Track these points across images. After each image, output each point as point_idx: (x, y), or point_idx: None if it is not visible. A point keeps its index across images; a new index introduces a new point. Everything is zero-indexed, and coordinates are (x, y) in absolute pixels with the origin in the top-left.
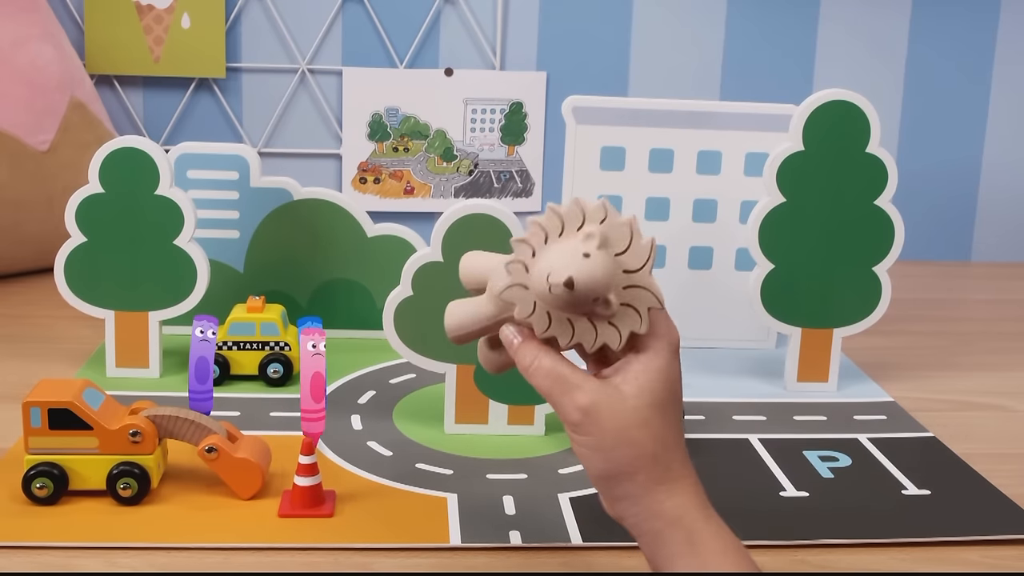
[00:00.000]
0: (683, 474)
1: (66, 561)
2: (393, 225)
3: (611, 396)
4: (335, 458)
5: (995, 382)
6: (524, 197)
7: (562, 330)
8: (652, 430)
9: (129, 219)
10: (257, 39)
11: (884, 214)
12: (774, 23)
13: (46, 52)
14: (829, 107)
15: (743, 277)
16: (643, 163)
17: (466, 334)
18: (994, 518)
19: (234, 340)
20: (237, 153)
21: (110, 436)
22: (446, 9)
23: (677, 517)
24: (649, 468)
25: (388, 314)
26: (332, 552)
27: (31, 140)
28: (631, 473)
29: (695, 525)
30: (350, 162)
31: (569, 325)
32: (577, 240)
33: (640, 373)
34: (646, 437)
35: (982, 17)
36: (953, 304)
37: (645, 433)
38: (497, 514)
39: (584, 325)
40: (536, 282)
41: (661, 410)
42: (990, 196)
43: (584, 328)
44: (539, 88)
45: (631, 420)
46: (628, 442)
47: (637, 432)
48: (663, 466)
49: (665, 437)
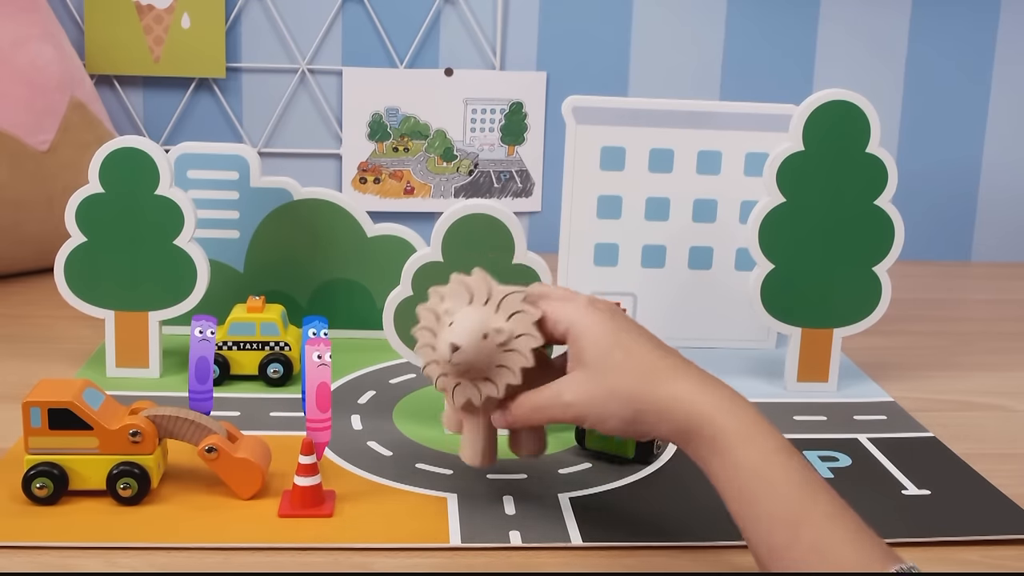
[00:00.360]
0: (677, 375)
1: (66, 561)
2: (393, 225)
3: (573, 379)
4: (335, 458)
5: (995, 382)
6: (524, 197)
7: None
8: (619, 372)
9: (129, 219)
10: (257, 39)
11: (884, 214)
12: (774, 23)
13: (46, 52)
14: (829, 107)
15: (743, 277)
16: (643, 163)
17: (484, 449)
18: (994, 518)
19: (234, 340)
20: (237, 153)
21: (110, 436)
22: (446, 9)
23: (690, 415)
24: (643, 392)
25: (388, 314)
26: (332, 552)
27: (31, 140)
28: (633, 402)
29: (712, 420)
30: (350, 162)
31: (471, 386)
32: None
33: (573, 346)
34: (618, 380)
35: (982, 17)
36: (953, 304)
37: (615, 378)
38: (497, 514)
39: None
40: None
41: (612, 353)
42: (990, 196)
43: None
44: (539, 88)
45: (599, 384)
46: (610, 392)
47: (609, 381)
48: (659, 376)
49: (639, 363)
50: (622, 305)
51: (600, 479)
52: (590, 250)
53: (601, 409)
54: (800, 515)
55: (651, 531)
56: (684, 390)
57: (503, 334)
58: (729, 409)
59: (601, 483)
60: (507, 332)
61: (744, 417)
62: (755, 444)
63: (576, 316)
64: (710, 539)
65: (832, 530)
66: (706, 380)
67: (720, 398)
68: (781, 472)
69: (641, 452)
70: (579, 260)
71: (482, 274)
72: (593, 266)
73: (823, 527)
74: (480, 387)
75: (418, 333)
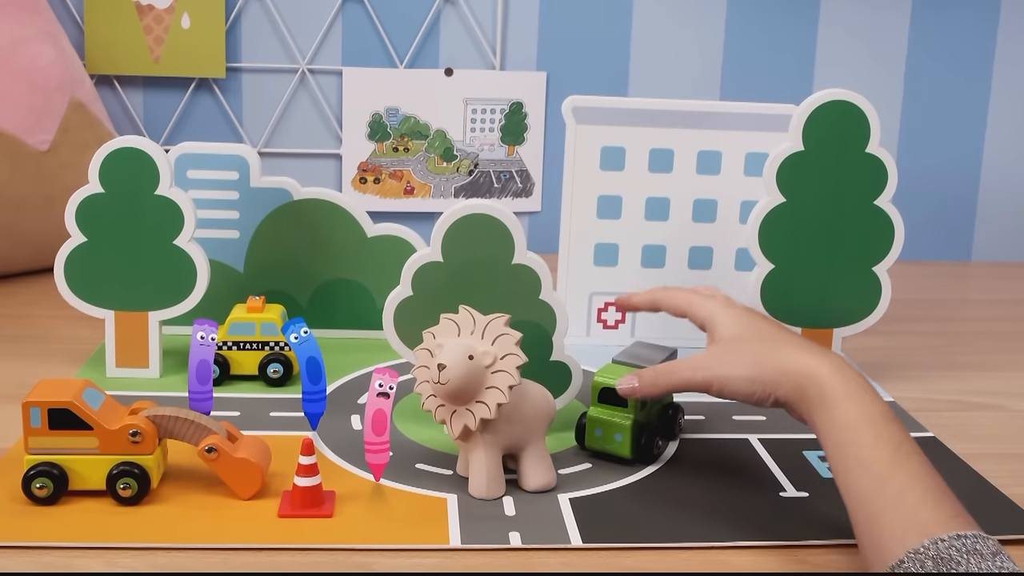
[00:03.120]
0: (795, 344)
1: (66, 561)
2: (393, 225)
3: (704, 351)
4: (335, 458)
5: (995, 382)
6: (524, 197)
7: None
8: (745, 342)
9: (129, 219)
10: (257, 39)
11: (884, 214)
12: (774, 23)
13: (46, 52)
14: (829, 107)
15: (743, 277)
16: (643, 163)
17: (489, 480)
18: (994, 518)
19: (234, 340)
20: (237, 153)
21: (110, 436)
22: (446, 9)
23: (803, 374)
24: (765, 356)
25: (388, 314)
26: (332, 552)
27: (31, 140)
28: (756, 365)
29: (822, 380)
30: (350, 162)
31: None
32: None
33: (710, 332)
34: (744, 347)
35: (982, 17)
36: (953, 304)
37: (741, 346)
38: (497, 514)
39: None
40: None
41: (741, 332)
42: (990, 196)
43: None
44: (539, 88)
45: (727, 351)
46: (735, 357)
47: (736, 348)
48: (779, 344)
49: (764, 335)
50: None
51: (600, 479)
52: (590, 250)
53: (727, 371)
54: (887, 470)
55: (651, 531)
56: (800, 355)
57: (488, 355)
58: (837, 373)
59: (601, 483)
60: (492, 354)
61: (850, 382)
62: (854, 403)
63: (715, 307)
64: (709, 539)
65: (914, 487)
66: (820, 350)
67: (831, 364)
68: (874, 430)
69: (641, 452)
70: (579, 260)
71: (467, 310)
72: (593, 266)
73: (907, 483)
74: (474, 411)
75: (416, 372)
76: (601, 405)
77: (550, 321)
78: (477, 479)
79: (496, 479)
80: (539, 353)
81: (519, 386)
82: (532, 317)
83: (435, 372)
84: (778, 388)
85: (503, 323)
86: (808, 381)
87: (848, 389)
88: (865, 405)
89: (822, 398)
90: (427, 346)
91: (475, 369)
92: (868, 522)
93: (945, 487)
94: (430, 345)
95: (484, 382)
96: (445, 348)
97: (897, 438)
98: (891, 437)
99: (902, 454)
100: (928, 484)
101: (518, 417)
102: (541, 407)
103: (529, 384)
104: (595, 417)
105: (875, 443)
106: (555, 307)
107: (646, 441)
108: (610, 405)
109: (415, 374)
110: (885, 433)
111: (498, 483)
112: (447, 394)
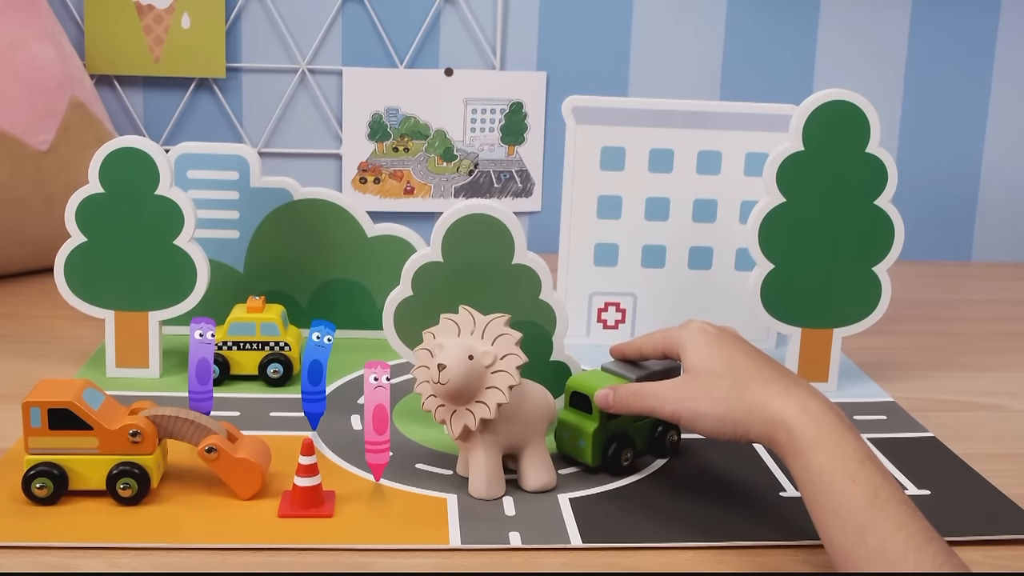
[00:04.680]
0: (767, 382)
1: (67, 561)
2: (393, 225)
3: (675, 381)
4: (335, 458)
5: (995, 382)
6: (524, 197)
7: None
8: (716, 377)
9: (129, 219)
10: (257, 39)
11: (884, 214)
12: (774, 23)
13: (46, 52)
14: (829, 107)
15: (743, 277)
16: (643, 163)
17: (489, 480)
18: (994, 518)
19: (234, 340)
20: (237, 153)
21: (110, 436)
22: (446, 9)
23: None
24: (734, 395)
25: (388, 314)
26: (332, 552)
27: (31, 140)
28: (724, 402)
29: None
30: (350, 162)
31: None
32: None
33: (683, 360)
34: (714, 383)
35: (982, 17)
36: (953, 304)
37: (711, 382)
38: (497, 515)
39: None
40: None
41: (712, 363)
42: (990, 196)
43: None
44: (539, 88)
45: (697, 385)
46: (705, 393)
47: (706, 384)
48: (750, 382)
49: (736, 371)
50: (621, 305)
51: (600, 479)
52: (590, 250)
53: (696, 406)
54: (866, 519)
55: (651, 531)
56: (769, 394)
57: (488, 356)
58: (804, 415)
59: (601, 483)
60: (492, 354)
61: (822, 423)
62: (825, 449)
63: (688, 336)
64: (710, 539)
65: (896, 536)
66: (793, 388)
67: (797, 405)
68: (848, 476)
69: (607, 463)
70: (579, 260)
71: (467, 310)
72: (593, 266)
73: (887, 532)
74: (474, 411)
75: (416, 372)
76: (571, 409)
77: (550, 321)
78: (477, 479)
79: (496, 479)
80: (539, 353)
81: (519, 386)
82: (532, 317)
83: (435, 372)
84: (749, 432)
85: (503, 323)
86: (777, 427)
87: (818, 433)
88: (841, 450)
89: (792, 444)
90: (427, 346)
91: (475, 369)
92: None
93: (929, 529)
94: (430, 345)
95: (484, 382)
96: (445, 348)
97: (874, 482)
98: (867, 481)
99: (881, 499)
100: (911, 530)
101: (518, 417)
102: (541, 407)
103: (529, 384)
104: (564, 420)
105: (850, 490)
106: (555, 307)
107: (614, 452)
108: (579, 410)
109: (415, 374)
110: (861, 477)
111: (498, 483)
112: (447, 394)
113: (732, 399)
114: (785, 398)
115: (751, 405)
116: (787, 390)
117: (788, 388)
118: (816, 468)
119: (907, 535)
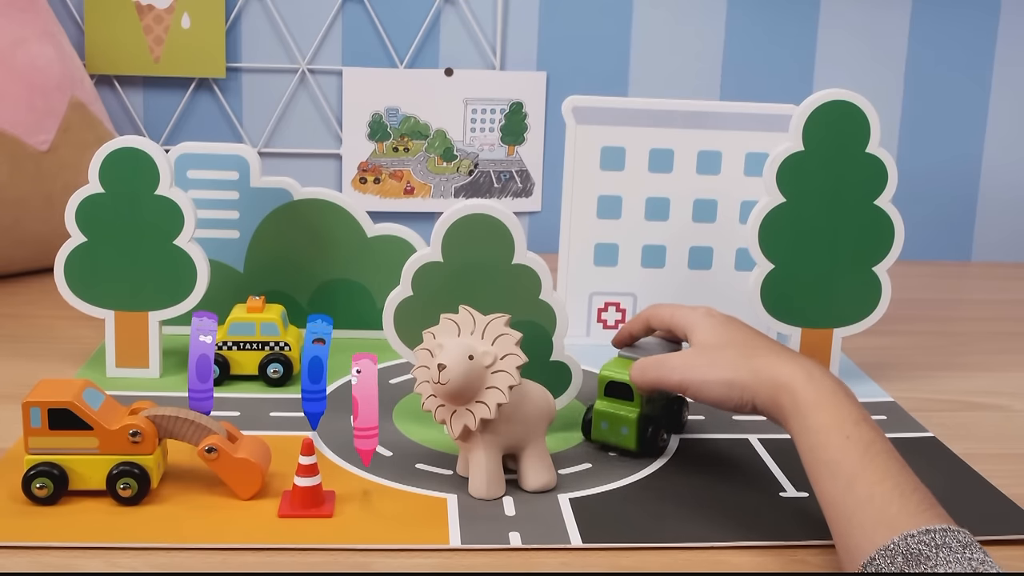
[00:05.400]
0: (771, 352)
1: (66, 561)
2: (393, 225)
3: (682, 352)
4: (335, 458)
5: (995, 382)
6: (524, 197)
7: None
8: (721, 348)
9: (129, 219)
10: (257, 39)
11: (884, 214)
12: (774, 23)
13: (46, 52)
14: (829, 107)
15: (743, 277)
16: (643, 163)
17: (489, 480)
18: (994, 518)
19: (234, 340)
20: (237, 153)
21: (110, 436)
22: (446, 9)
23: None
24: (739, 362)
25: (388, 314)
26: (332, 552)
27: (31, 140)
28: (730, 369)
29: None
30: (350, 162)
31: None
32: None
33: (690, 339)
34: (719, 354)
35: (982, 17)
36: (953, 304)
37: (717, 352)
38: (497, 515)
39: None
40: None
41: (718, 338)
42: (990, 196)
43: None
44: (539, 88)
45: (703, 355)
46: (711, 362)
47: (712, 354)
48: (755, 351)
49: (740, 342)
50: (621, 305)
51: (600, 479)
52: (590, 250)
53: (703, 374)
54: (856, 470)
55: (651, 531)
56: (774, 363)
57: (488, 356)
58: (809, 381)
59: (601, 483)
60: (492, 354)
61: (821, 389)
62: (826, 410)
63: (695, 317)
64: (709, 539)
65: (883, 484)
66: (795, 357)
67: (804, 372)
68: (843, 432)
69: (646, 445)
70: (579, 260)
71: (467, 310)
72: (593, 266)
73: (875, 480)
74: (474, 411)
75: (416, 372)
76: (607, 398)
77: (550, 321)
78: (477, 479)
79: (496, 479)
80: (539, 353)
81: (519, 386)
82: (532, 317)
83: (435, 372)
84: (755, 396)
85: (503, 323)
86: (781, 390)
87: (820, 396)
88: (836, 410)
89: (795, 406)
90: (427, 346)
91: (475, 369)
92: (840, 523)
93: (916, 482)
94: (430, 345)
95: (484, 382)
96: (445, 348)
97: (867, 438)
98: (860, 437)
99: (872, 453)
100: (897, 480)
101: (518, 417)
102: (541, 407)
103: (529, 384)
104: (601, 410)
105: (844, 445)
106: (555, 307)
107: (651, 434)
108: (616, 399)
109: (415, 374)
110: (855, 434)
111: (498, 483)
112: (447, 394)
113: (740, 365)
114: (791, 364)
115: (758, 370)
116: (792, 358)
117: (793, 357)
118: (814, 425)
119: (893, 484)
